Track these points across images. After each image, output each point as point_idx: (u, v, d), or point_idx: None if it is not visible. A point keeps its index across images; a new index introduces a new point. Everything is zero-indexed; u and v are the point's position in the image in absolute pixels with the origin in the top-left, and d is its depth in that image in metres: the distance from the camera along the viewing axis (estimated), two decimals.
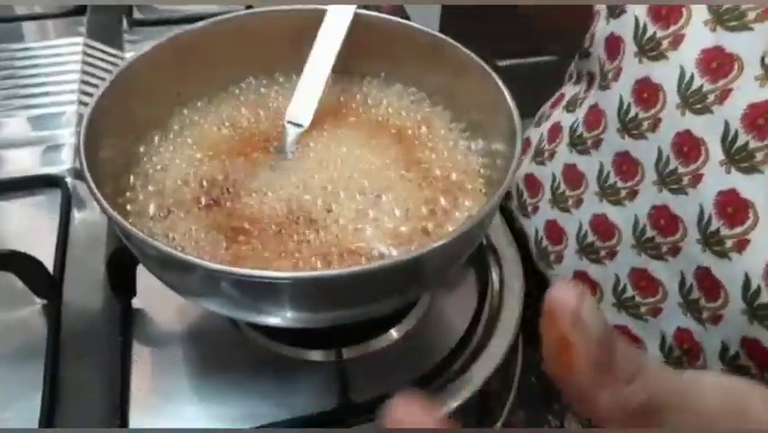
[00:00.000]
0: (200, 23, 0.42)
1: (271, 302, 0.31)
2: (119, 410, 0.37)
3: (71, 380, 0.38)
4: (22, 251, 0.41)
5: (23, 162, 0.52)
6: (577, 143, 0.46)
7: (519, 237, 0.50)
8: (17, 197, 0.50)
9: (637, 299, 0.42)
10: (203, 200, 0.38)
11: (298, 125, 0.41)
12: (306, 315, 0.33)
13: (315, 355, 0.40)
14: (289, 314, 0.32)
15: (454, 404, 0.38)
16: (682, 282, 0.39)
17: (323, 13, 0.43)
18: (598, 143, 0.44)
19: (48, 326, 0.41)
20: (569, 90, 0.52)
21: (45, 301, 0.42)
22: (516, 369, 0.45)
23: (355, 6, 0.42)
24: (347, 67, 0.44)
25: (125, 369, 0.39)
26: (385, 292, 0.32)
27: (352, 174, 0.39)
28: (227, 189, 0.38)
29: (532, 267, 0.50)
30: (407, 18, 0.45)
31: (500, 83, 0.38)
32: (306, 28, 0.43)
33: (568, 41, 0.58)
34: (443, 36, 0.42)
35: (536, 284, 0.49)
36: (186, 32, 0.42)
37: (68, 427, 0.37)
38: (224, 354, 0.41)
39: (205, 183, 0.39)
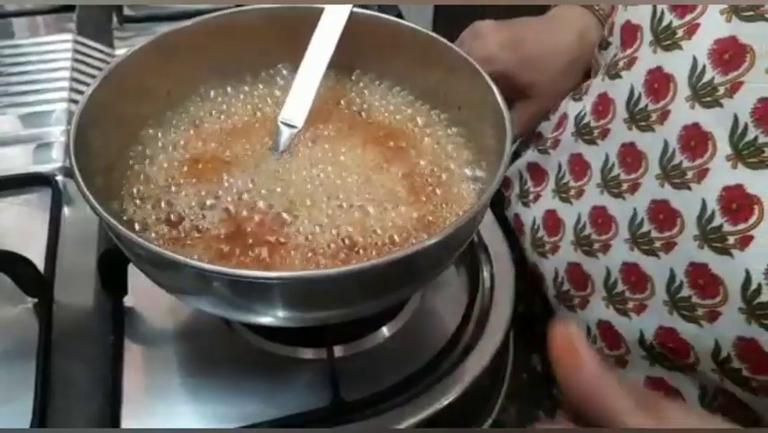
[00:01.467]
0: (190, 21, 0.42)
1: (262, 302, 0.31)
2: (110, 409, 0.37)
3: (63, 378, 0.38)
4: (13, 250, 0.41)
5: (14, 161, 0.52)
6: (584, 132, 0.46)
7: (509, 232, 0.50)
8: (7, 195, 0.49)
9: (627, 294, 0.42)
10: (194, 199, 0.38)
11: (292, 126, 0.41)
12: (298, 314, 0.33)
13: (307, 353, 0.40)
14: (281, 313, 0.32)
15: (445, 402, 0.38)
16: (671, 280, 0.39)
17: (314, 11, 0.43)
18: (605, 133, 0.44)
19: (39, 325, 0.41)
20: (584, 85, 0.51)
21: (36, 300, 0.42)
22: (506, 366, 0.45)
23: (351, 7, 0.42)
24: (340, 65, 0.44)
25: (117, 367, 0.39)
26: (376, 291, 0.33)
27: (345, 173, 0.39)
28: (218, 188, 0.38)
29: (524, 265, 0.50)
30: (401, 17, 0.45)
31: (491, 82, 0.38)
32: (296, 26, 0.43)
33: None
34: (436, 36, 0.42)
35: (527, 283, 0.49)
36: (176, 29, 0.42)
37: (60, 426, 0.37)
38: (216, 352, 0.41)
39: (196, 181, 0.39)
